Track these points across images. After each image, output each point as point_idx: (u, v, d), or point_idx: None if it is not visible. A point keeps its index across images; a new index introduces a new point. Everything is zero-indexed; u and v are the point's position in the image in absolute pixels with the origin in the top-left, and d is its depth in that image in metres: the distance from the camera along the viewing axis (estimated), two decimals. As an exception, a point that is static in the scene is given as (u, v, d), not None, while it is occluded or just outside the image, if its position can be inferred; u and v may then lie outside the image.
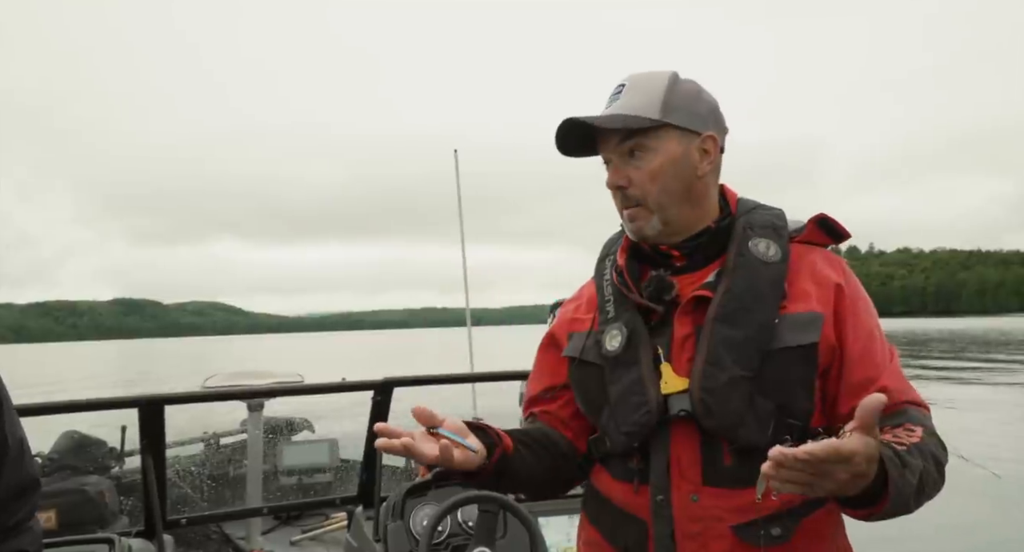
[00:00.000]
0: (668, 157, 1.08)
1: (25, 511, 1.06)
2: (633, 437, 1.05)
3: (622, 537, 1.08)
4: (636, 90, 1.10)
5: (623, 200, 1.11)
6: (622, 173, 1.09)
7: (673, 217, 1.10)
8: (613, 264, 1.18)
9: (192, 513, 3.36)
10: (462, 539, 2.09)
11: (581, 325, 1.19)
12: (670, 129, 1.08)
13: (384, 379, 2.49)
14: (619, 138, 1.09)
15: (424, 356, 39.23)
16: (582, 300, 1.24)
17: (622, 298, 1.13)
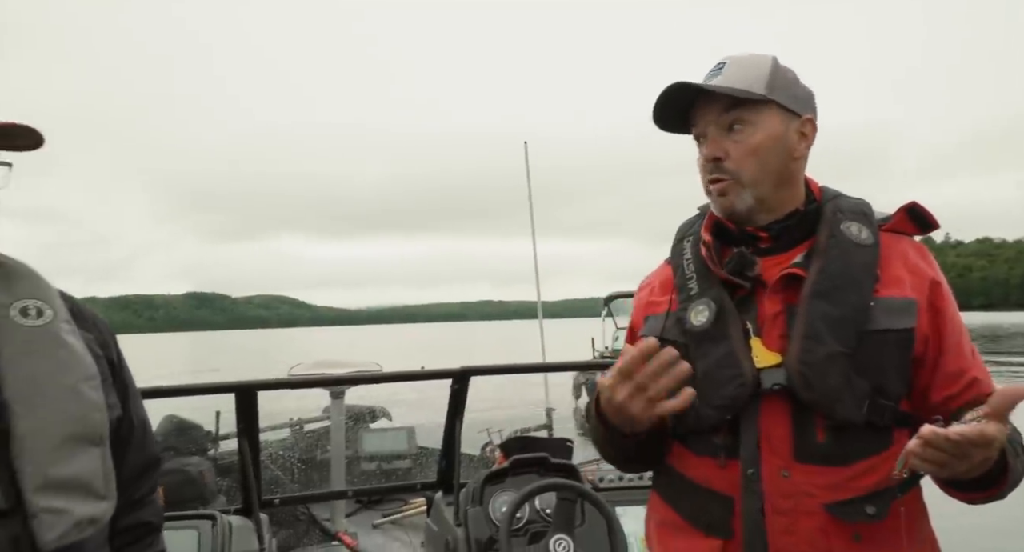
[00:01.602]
0: (769, 134, 1.08)
1: (148, 487, 1.12)
2: (724, 410, 1.05)
3: (704, 514, 1.08)
4: (739, 67, 1.10)
5: (716, 173, 1.10)
6: (720, 146, 1.09)
7: (765, 195, 1.10)
8: (694, 243, 1.18)
9: (282, 494, 3.52)
10: (540, 526, 2.15)
11: (657, 307, 1.20)
12: (773, 107, 1.09)
13: (462, 368, 2.53)
14: (721, 109, 1.09)
15: (481, 349, 39.50)
16: (654, 284, 1.25)
17: (707, 274, 1.13)
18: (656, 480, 1.22)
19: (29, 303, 0.94)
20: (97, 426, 0.93)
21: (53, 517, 0.85)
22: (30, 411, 0.87)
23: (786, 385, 1.02)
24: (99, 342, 1.02)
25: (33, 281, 0.97)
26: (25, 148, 0.90)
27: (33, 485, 0.84)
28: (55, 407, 0.89)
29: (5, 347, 0.89)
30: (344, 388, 4.04)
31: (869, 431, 1.02)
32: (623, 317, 13.23)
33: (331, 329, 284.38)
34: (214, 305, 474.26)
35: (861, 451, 1.01)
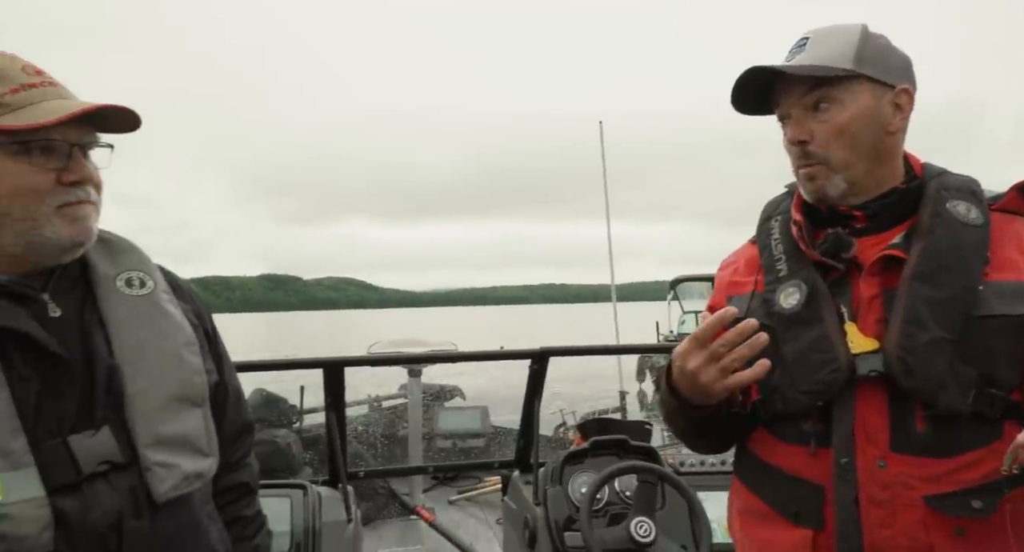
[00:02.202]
0: (858, 110, 1.02)
1: (243, 450, 1.18)
2: (816, 397, 1.01)
3: (792, 503, 1.04)
4: (824, 42, 1.04)
5: (802, 158, 1.05)
6: (804, 127, 1.04)
7: (859, 176, 1.04)
8: (782, 223, 1.14)
9: (365, 468, 3.64)
10: (620, 508, 2.11)
11: (741, 288, 1.16)
12: (863, 81, 1.02)
13: (541, 348, 2.52)
14: (804, 90, 1.03)
15: (543, 332, 39.57)
16: (739, 264, 1.21)
17: (797, 256, 1.08)
18: (737, 466, 1.19)
19: (132, 275, 1.00)
20: (198, 388, 0.98)
21: (164, 470, 0.91)
22: (139, 374, 0.92)
23: (884, 372, 0.97)
24: (195, 312, 1.07)
25: (135, 255, 1.03)
26: (124, 130, 0.95)
27: (146, 441, 0.90)
28: (160, 370, 0.94)
29: (113, 315, 0.95)
30: (422, 366, 4.12)
31: (975, 422, 0.96)
32: (689, 301, 13.08)
33: (397, 311, 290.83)
34: (287, 287, 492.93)
35: (965, 443, 0.96)
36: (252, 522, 1.17)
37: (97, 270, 0.97)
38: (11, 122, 0.84)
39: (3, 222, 0.87)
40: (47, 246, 0.89)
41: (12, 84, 0.86)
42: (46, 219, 0.88)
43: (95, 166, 0.94)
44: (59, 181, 0.88)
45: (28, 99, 0.86)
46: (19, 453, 0.81)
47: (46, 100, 0.87)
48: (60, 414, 0.86)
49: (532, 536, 2.19)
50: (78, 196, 0.90)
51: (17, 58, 0.90)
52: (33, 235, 0.88)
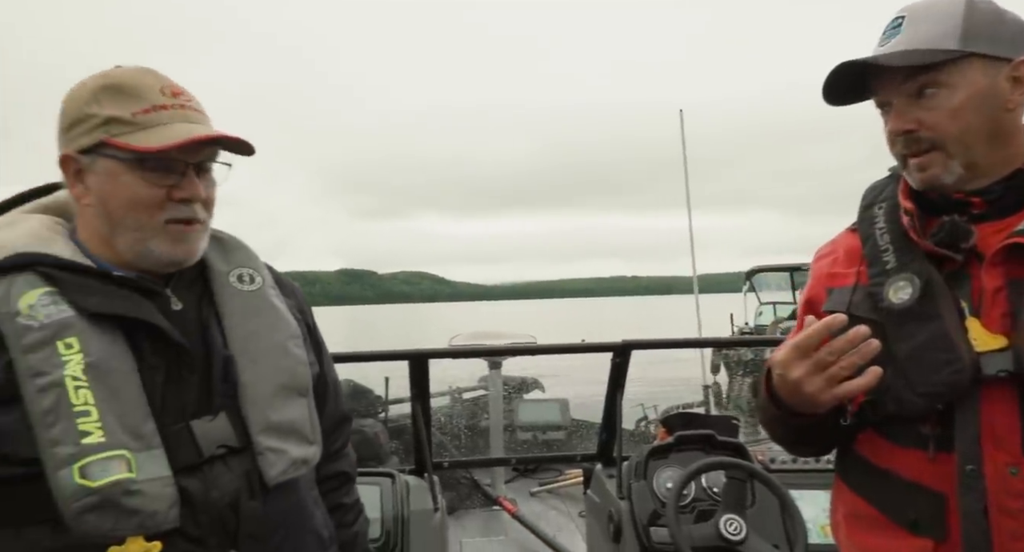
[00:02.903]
0: (972, 91, 0.95)
1: (342, 440, 1.22)
2: (935, 399, 0.94)
3: (910, 510, 0.98)
4: (921, 20, 0.97)
5: (910, 146, 0.98)
6: (909, 116, 0.97)
7: (977, 160, 0.97)
8: (888, 210, 1.07)
9: (449, 458, 3.70)
10: (707, 504, 2.06)
11: (842, 279, 1.09)
12: (973, 59, 0.95)
13: (624, 342, 2.48)
14: (904, 76, 0.96)
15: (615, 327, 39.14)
16: (838, 254, 1.13)
17: (907, 246, 1.01)
18: (841, 467, 1.13)
19: (243, 271, 1.05)
20: (303, 379, 1.02)
21: (275, 455, 0.95)
22: (251, 364, 0.97)
23: (1015, 372, 0.90)
24: (298, 308, 1.12)
25: (245, 252, 1.09)
26: (239, 153, 1.00)
27: (258, 427, 0.95)
28: (269, 361, 0.99)
29: (227, 309, 1.00)
30: (503, 359, 4.16)
31: None
32: (766, 292, 12.69)
33: (469, 304, 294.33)
34: (363, 281, 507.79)
35: None
36: (352, 509, 1.21)
37: (213, 267, 1.03)
38: (133, 141, 0.90)
39: (119, 229, 0.93)
40: (152, 258, 0.95)
41: (144, 105, 0.92)
42: (153, 233, 0.93)
43: (212, 182, 0.99)
44: (170, 197, 0.93)
45: (156, 120, 0.92)
46: (149, 435, 0.86)
47: (173, 123, 0.93)
48: (183, 400, 0.92)
49: (617, 530, 2.17)
50: (184, 213, 0.95)
51: (162, 78, 0.96)
52: (141, 246, 0.94)
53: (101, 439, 0.82)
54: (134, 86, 0.93)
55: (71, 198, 0.97)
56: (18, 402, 0.83)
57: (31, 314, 0.86)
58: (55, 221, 0.99)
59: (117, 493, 0.82)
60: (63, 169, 0.95)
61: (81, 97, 0.93)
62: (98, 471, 0.81)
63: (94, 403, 0.83)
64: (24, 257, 0.90)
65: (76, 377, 0.84)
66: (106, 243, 0.96)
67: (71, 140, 0.93)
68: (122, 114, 0.91)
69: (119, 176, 0.92)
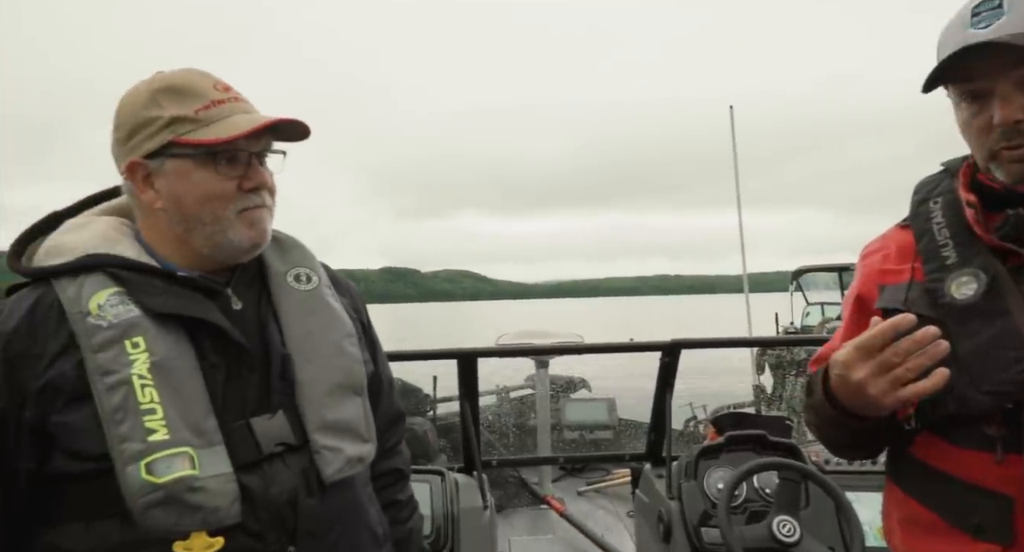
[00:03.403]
0: None
1: (396, 437, 1.23)
2: (1004, 398, 0.91)
3: (973, 515, 0.94)
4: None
5: (1012, 137, 0.93)
6: (1018, 105, 0.92)
7: None
8: (947, 205, 1.04)
9: (498, 456, 3.70)
10: (759, 505, 2.03)
11: (896, 276, 1.06)
12: None
13: (672, 341, 2.45)
14: (1016, 61, 0.90)
15: (660, 325, 38.66)
16: (889, 250, 1.10)
17: (969, 241, 0.98)
18: (894, 471, 1.08)
19: (300, 271, 1.06)
20: (358, 378, 1.03)
21: (331, 454, 0.96)
22: (307, 363, 0.98)
23: None
24: (353, 307, 1.12)
25: (301, 252, 1.10)
26: (295, 139, 1.01)
27: (315, 425, 0.95)
28: (326, 360, 1.00)
29: (284, 308, 1.01)
30: (550, 358, 4.13)
31: None
32: (814, 292, 12.45)
33: (511, 302, 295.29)
34: (406, 279, 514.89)
35: None
36: (406, 506, 1.22)
37: (271, 267, 1.05)
38: (203, 136, 0.92)
39: (195, 226, 0.95)
40: (231, 248, 0.97)
41: (204, 101, 0.94)
42: (229, 223, 0.95)
43: (270, 172, 1.01)
44: (240, 187, 0.95)
45: (218, 115, 0.94)
46: (211, 432, 0.87)
47: (233, 115, 0.95)
48: (243, 398, 0.93)
49: (667, 530, 2.14)
50: (255, 201, 0.97)
51: (209, 75, 0.98)
52: (219, 237, 0.96)
53: (166, 436, 0.84)
54: (189, 85, 0.95)
55: (135, 203, 0.99)
56: (89, 400, 0.85)
57: (100, 314, 0.88)
58: (122, 222, 1.02)
59: (181, 489, 0.83)
60: (130, 177, 0.97)
61: (139, 102, 0.95)
62: (163, 467, 0.83)
63: (159, 401, 0.85)
64: (94, 258, 0.93)
65: (142, 375, 0.86)
66: (179, 243, 0.98)
67: (135, 147, 0.95)
68: (186, 112, 0.93)
69: (191, 174, 0.94)
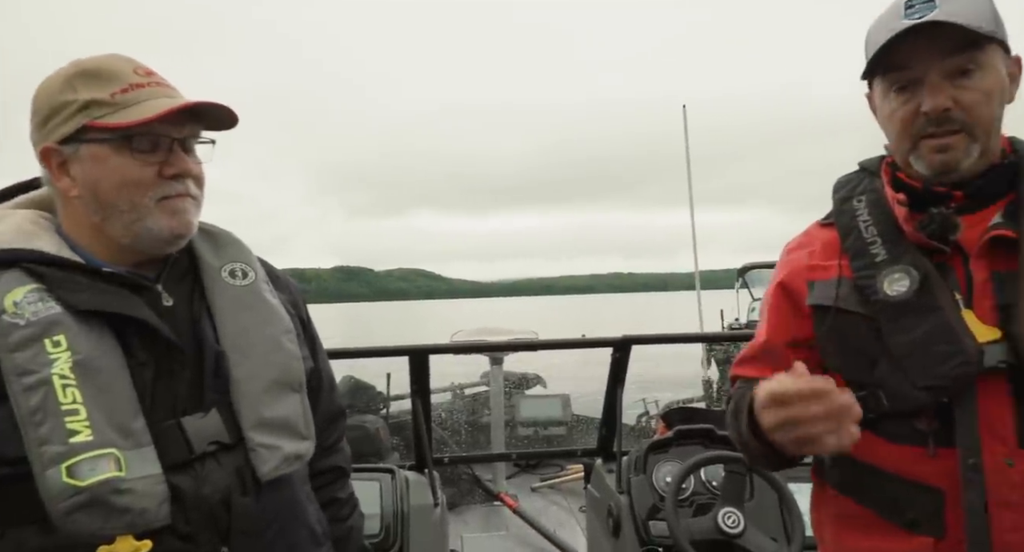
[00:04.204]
0: (998, 77, 0.95)
1: (337, 435, 1.22)
2: (939, 393, 0.93)
3: (909, 509, 0.96)
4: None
5: (940, 125, 0.95)
6: (947, 93, 0.94)
7: (989, 149, 0.96)
8: (872, 203, 1.06)
9: (449, 454, 3.68)
10: (706, 498, 2.07)
11: (824, 272, 1.07)
12: (996, 46, 0.95)
13: (623, 337, 2.48)
14: (948, 50, 0.93)
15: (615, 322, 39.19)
16: (814, 247, 1.11)
17: (897, 238, 1.00)
18: (821, 469, 1.10)
19: (236, 266, 1.04)
20: (296, 374, 1.01)
21: (267, 452, 0.94)
22: (243, 359, 0.96)
23: (1013, 363, 0.90)
24: (291, 303, 1.10)
25: (237, 247, 1.08)
26: (222, 127, 0.99)
27: (250, 423, 0.94)
28: (262, 356, 0.98)
29: (219, 304, 0.99)
30: (504, 354, 4.13)
31: None
32: (759, 288, 12.74)
33: (467, 301, 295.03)
34: (359, 278, 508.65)
35: None
36: (346, 504, 1.21)
37: (204, 262, 1.02)
38: (119, 120, 0.89)
39: (112, 214, 0.92)
40: (150, 237, 0.93)
41: (122, 85, 0.91)
42: (148, 211, 0.92)
43: (197, 161, 0.97)
44: (160, 174, 0.92)
45: (135, 98, 0.91)
46: (139, 433, 0.85)
47: (152, 99, 0.91)
48: (173, 397, 0.90)
49: (616, 524, 2.17)
50: (177, 189, 0.93)
51: (132, 61, 0.95)
52: (137, 226, 0.92)
53: (89, 438, 0.81)
54: (106, 69, 0.92)
55: (54, 192, 0.95)
56: (4, 402, 0.81)
57: (17, 312, 0.84)
58: (40, 215, 0.97)
59: (106, 492, 0.80)
60: (45, 163, 0.93)
61: (54, 87, 0.91)
62: (87, 470, 0.80)
63: (82, 401, 0.82)
64: (8, 253, 0.88)
65: (64, 375, 0.82)
66: (97, 233, 0.94)
67: (50, 132, 0.91)
68: (101, 96, 0.90)
69: (107, 159, 0.91)
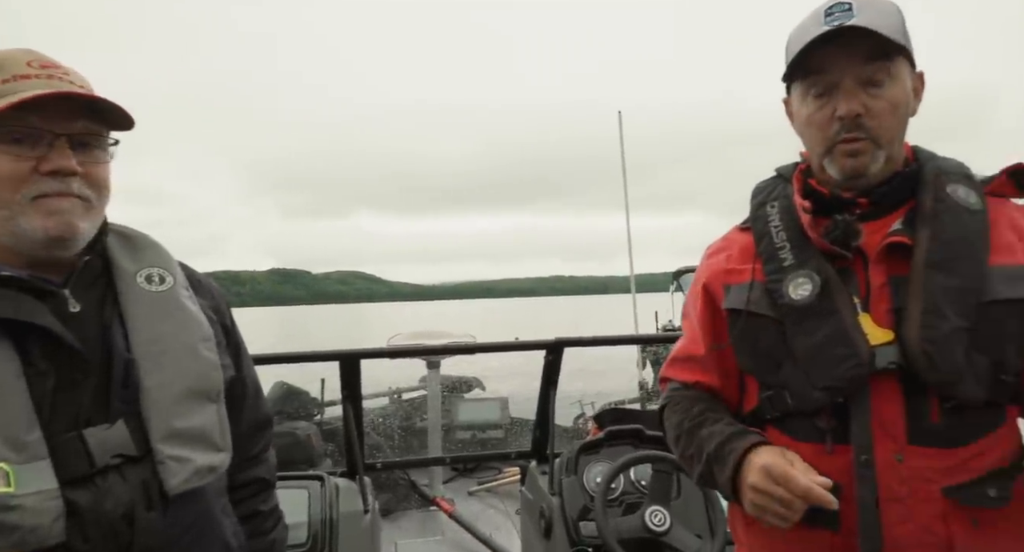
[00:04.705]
0: (905, 89, 0.99)
1: (261, 445, 1.18)
2: (835, 393, 0.97)
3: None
4: (871, 8, 0.98)
5: (852, 131, 0.99)
6: (858, 100, 0.98)
7: (893, 156, 1.01)
8: (783, 210, 1.10)
9: (384, 459, 3.64)
10: (635, 497, 2.11)
11: (739, 276, 1.11)
12: (904, 60, 0.99)
13: (556, 339, 2.50)
14: (863, 58, 0.97)
15: (554, 325, 39.50)
16: (732, 251, 1.15)
17: (804, 244, 1.04)
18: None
19: (153, 271, 1.00)
20: (214, 383, 0.98)
21: (177, 464, 0.90)
22: (156, 368, 0.92)
23: (901, 364, 0.95)
24: (214, 308, 1.07)
25: (156, 251, 1.04)
26: (120, 128, 0.94)
27: (160, 434, 0.90)
28: (177, 365, 0.94)
29: (132, 310, 0.95)
30: (440, 358, 4.11)
31: (984, 409, 0.95)
32: None
33: (409, 304, 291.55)
34: (296, 281, 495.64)
35: (976, 430, 0.95)
36: (269, 516, 1.18)
37: (118, 266, 0.97)
38: None
39: None
40: (25, 238, 0.87)
41: (5, 75, 0.86)
42: (20, 209, 0.86)
43: (96, 160, 0.92)
44: (36, 170, 0.86)
45: (14, 89, 0.85)
46: (34, 446, 0.81)
47: (31, 90, 0.85)
48: (76, 407, 0.86)
49: (548, 526, 2.19)
50: (55, 187, 0.87)
51: (33, 53, 0.90)
52: (11, 225, 0.87)
53: None
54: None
55: None
56: None
57: None
58: None
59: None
60: None
61: None
62: None
63: None
64: None
65: None
66: None
67: None
68: None
69: None
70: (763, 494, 0.94)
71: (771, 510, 0.94)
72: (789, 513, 0.92)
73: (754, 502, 0.96)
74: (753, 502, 0.96)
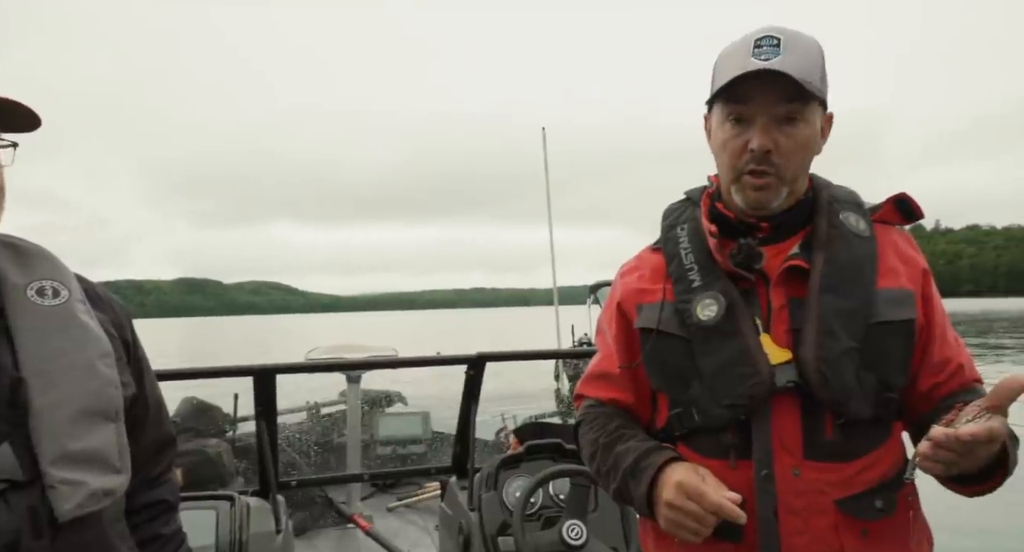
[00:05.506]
0: (813, 131, 1.04)
1: (164, 465, 1.14)
2: (738, 410, 1.01)
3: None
4: (796, 49, 1.01)
5: (760, 165, 1.02)
6: (771, 136, 1.01)
7: (796, 191, 1.07)
8: (691, 232, 1.14)
9: (299, 477, 3.54)
10: (554, 511, 2.15)
11: (651, 295, 1.14)
12: (818, 103, 1.03)
13: (478, 354, 2.50)
14: (782, 97, 1.00)
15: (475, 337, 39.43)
16: (644, 271, 1.18)
17: (711, 266, 1.08)
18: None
19: (45, 284, 0.94)
20: (112, 402, 0.93)
21: (69, 488, 0.86)
22: (48, 387, 0.88)
23: (799, 382, 0.99)
24: (114, 323, 1.02)
25: (49, 263, 0.98)
26: (22, 129, 0.90)
27: (50, 457, 0.85)
28: (71, 383, 0.89)
29: (21, 326, 0.90)
30: (360, 372, 4.05)
31: (873, 425, 1.02)
32: None
33: (327, 316, 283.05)
34: (205, 291, 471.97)
35: (866, 445, 1.01)
36: (171, 540, 1.12)
37: (6, 280, 0.92)
38: None
39: None
40: None
41: None
42: None
43: None
44: None
45: None
46: None
47: None
48: None
49: (467, 542, 2.18)
50: None
51: None
52: None
53: None
54: None
55: None
56: None
57: None
58: None
59: None
60: None
61: None
62: None
63: None
64: None
65: None
66: None
67: None
68: None
69: None
70: (677, 510, 0.96)
71: (684, 525, 0.96)
72: (701, 528, 0.95)
73: (668, 517, 0.98)
74: (667, 518, 0.98)
